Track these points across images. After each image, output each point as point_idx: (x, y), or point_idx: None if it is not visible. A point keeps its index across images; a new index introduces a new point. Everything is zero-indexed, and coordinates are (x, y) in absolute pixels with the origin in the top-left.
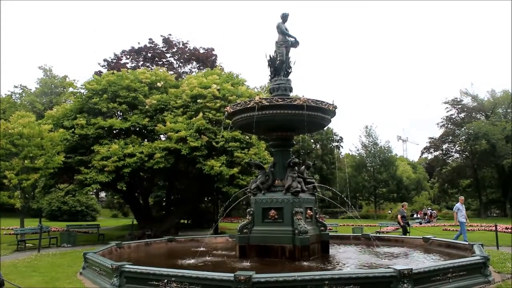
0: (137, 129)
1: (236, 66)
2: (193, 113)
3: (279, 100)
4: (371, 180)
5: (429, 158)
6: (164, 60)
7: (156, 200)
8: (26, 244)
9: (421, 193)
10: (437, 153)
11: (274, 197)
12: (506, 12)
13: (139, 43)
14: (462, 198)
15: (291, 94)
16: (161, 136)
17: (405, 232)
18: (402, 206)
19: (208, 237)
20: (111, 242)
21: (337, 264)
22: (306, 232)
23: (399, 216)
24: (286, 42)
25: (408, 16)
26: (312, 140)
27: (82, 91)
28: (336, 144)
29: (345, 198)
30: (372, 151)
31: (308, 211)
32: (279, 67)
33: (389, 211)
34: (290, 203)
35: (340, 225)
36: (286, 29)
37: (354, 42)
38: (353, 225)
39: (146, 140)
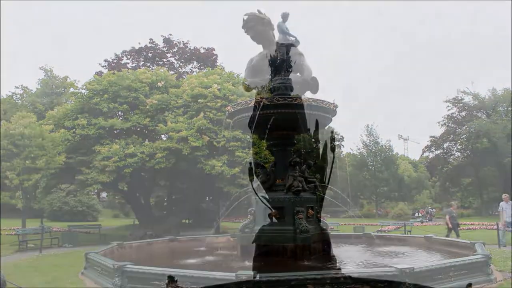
0: (138, 129)
1: (237, 65)
2: (194, 112)
3: (279, 99)
4: (372, 179)
5: (430, 157)
6: (164, 60)
7: (157, 200)
8: (28, 245)
9: (422, 192)
10: (438, 151)
11: (275, 197)
12: (506, 11)
13: (139, 43)
14: (506, 196)
15: (292, 93)
16: (162, 136)
17: (457, 234)
18: (451, 207)
19: (210, 236)
20: (113, 242)
21: (338, 263)
22: (307, 231)
23: (447, 217)
24: (286, 41)
25: (409, 14)
26: (313, 139)
27: (83, 91)
28: (337, 143)
29: (346, 197)
30: (373, 150)
31: (309, 210)
32: (280, 66)
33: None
34: (291, 202)
35: (342, 224)
36: (286, 28)
37: (355, 41)
38: (354, 224)
39: (147, 140)
